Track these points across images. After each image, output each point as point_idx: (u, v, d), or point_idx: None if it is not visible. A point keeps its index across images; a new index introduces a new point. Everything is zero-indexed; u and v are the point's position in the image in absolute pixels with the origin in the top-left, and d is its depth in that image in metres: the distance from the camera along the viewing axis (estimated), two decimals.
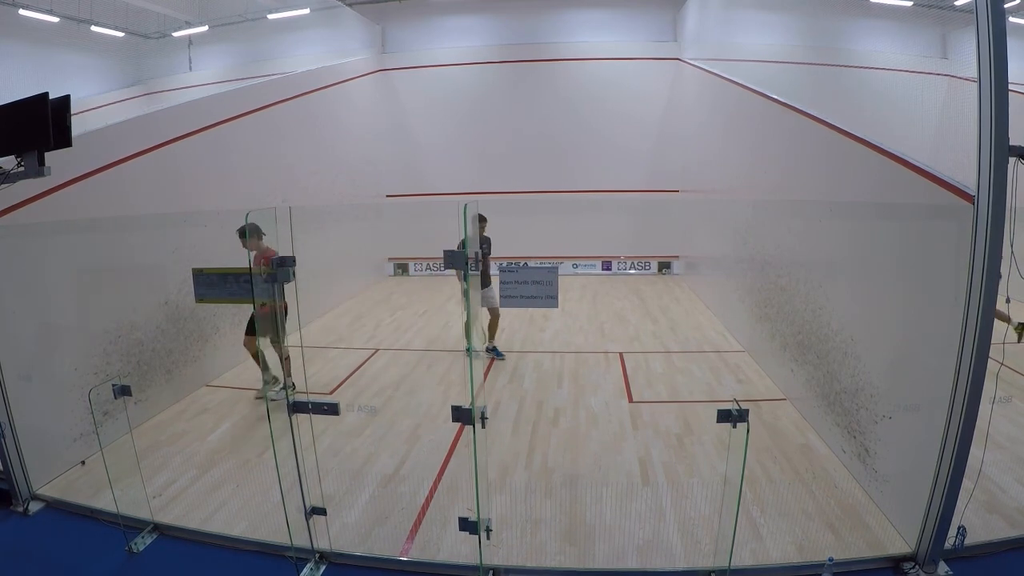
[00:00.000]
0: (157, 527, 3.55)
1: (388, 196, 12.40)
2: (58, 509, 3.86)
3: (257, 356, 5.28)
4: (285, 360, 4.88)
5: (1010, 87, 2.59)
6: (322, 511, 3.25)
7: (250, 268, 2.82)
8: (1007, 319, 4.33)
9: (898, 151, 3.57)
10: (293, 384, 5.11)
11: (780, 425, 4.78)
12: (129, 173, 5.28)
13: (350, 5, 11.72)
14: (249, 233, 4.42)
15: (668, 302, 9.74)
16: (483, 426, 2.84)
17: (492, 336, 6.87)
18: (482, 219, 6.26)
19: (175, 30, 12.29)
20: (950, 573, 3.00)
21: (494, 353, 6.77)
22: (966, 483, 2.93)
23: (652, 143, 11.98)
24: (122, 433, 4.04)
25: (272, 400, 5.05)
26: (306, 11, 11.52)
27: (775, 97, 5.98)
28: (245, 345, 5.62)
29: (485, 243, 6.43)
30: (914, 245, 3.42)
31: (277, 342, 4.66)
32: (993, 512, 3.42)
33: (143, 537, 3.46)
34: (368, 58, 11.86)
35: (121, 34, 11.74)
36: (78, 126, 3.38)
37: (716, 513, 3.42)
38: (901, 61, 9.48)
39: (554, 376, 6.18)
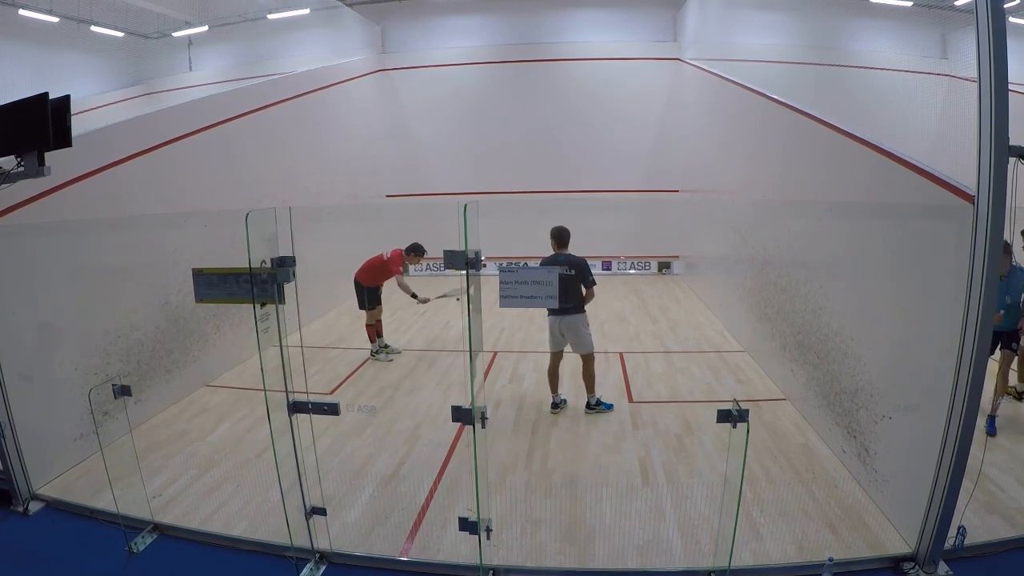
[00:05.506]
0: (157, 527, 3.55)
1: (388, 196, 12.39)
2: (58, 509, 3.86)
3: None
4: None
5: (1010, 87, 2.59)
6: (322, 511, 3.25)
7: (250, 268, 2.79)
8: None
9: (898, 151, 3.57)
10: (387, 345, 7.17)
11: (780, 425, 4.78)
12: (129, 173, 5.28)
13: (350, 5, 11.71)
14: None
15: (668, 302, 9.74)
16: (483, 426, 2.84)
17: (591, 386, 5.20)
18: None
19: (175, 30, 12.28)
20: (950, 573, 3.00)
21: (602, 406, 5.20)
22: (966, 483, 2.93)
23: (652, 143, 11.96)
24: (122, 433, 4.03)
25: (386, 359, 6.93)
26: (306, 11, 11.51)
27: (775, 97, 5.98)
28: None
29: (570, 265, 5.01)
30: (914, 245, 3.41)
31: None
32: (993, 512, 3.42)
33: (143, 537, 3.46)
34: (368, 58, 11.85)
35: (121, 34, 11.73)
36: (78, 126, 3.38)
37: (716, 513, 3.42)
38: (901, 61, 9.49)
39: None
